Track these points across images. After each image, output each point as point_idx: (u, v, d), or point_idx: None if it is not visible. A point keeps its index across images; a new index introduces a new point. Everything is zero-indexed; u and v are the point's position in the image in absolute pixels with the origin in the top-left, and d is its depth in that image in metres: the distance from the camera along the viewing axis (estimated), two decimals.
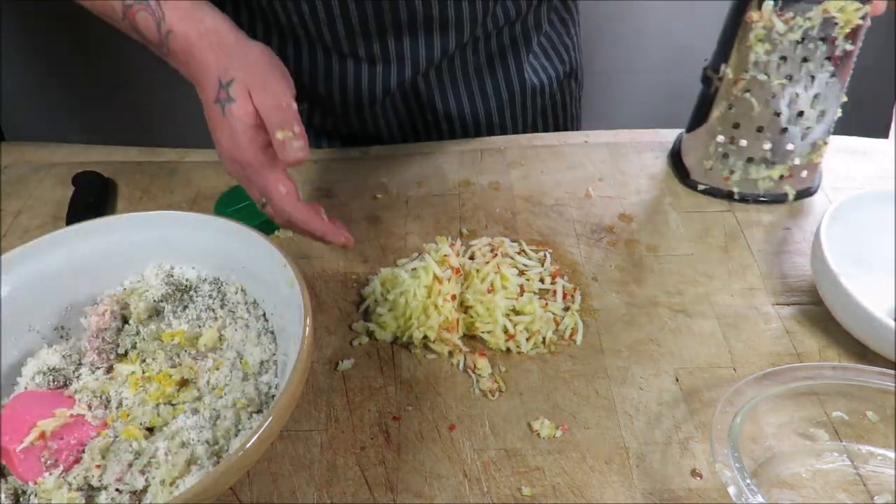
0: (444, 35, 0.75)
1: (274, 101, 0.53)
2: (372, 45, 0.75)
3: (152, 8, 0.56)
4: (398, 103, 0.83)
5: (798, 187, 0.70)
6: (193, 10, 0.57)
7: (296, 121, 0.53)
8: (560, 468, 0.49)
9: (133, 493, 0.43)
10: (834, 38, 0.60)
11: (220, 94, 0.55)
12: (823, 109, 0.65)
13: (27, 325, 0.51)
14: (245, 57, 0.56)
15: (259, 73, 0.55)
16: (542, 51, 0.86)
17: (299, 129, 0.53)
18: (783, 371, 0.50)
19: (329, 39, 0.74)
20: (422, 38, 0.75)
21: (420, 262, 0.59)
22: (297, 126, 0.53)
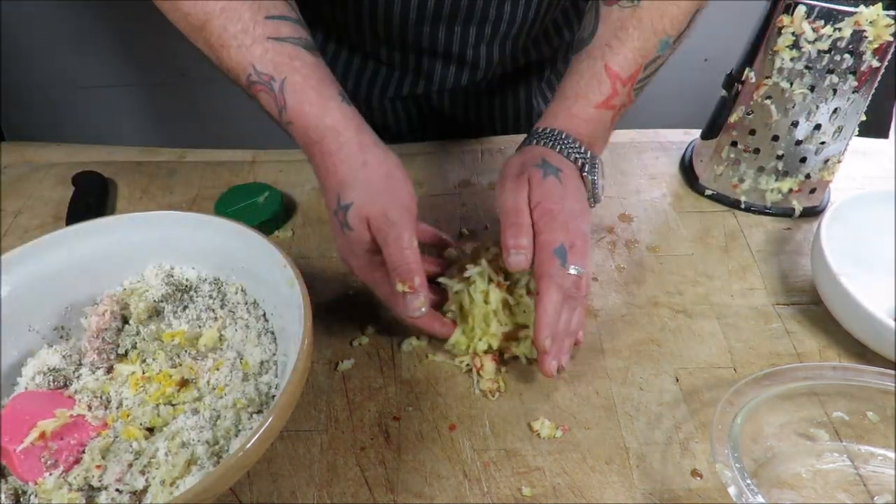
0: (460, 68, 0.78)
1: (394, 240, 0.50)
2: (393, 54, 0.76)
3: (275, 93, 0.53)
4: (410, 105, 0.85)
5: (805, 204, 0.70)
6: (319, 102, 0.54)
7: (416, 269, 0.50)
8: (560, 468, 0.49)
9: (133, 493, 0.43)
10: (862, 53, 0.60)
11: (339, 215, 0.53)
12: (841, 126, 0.64)
13: (27, 325, 0.51)
14: (366, 176, 0.52)
15: (380, 199, 0.52)
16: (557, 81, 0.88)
17: (419, 281, 0.50)
18: (783, 371, 0.50)
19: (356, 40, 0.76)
20: (438, 63, 0.77)
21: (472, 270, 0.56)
22: (416, 277, 0.50)
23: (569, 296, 0.53)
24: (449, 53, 0.76)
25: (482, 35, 0.74)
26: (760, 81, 0.64)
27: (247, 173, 0.78)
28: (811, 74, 0.62)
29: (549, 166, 0.55)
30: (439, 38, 0.74)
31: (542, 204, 0.53)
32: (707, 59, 1.47)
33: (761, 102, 0.65)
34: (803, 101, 0.63)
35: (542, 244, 0.52)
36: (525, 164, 0.56)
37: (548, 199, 0.54)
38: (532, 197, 0.54)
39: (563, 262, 0.52)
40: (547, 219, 0.53)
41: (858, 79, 0.61)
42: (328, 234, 0.70)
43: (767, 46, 0.63)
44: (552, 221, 0.53)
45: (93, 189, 0.74)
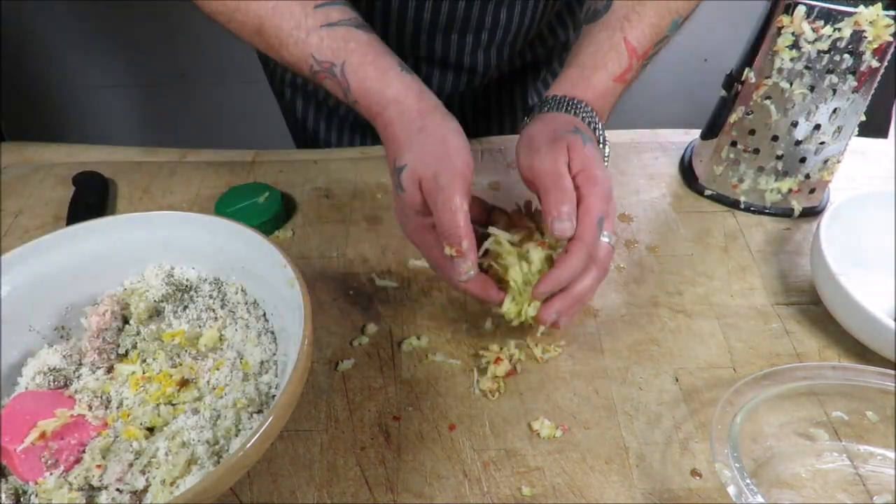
0: (458, 75, 0.78)
1: (443, 203, 0.49)
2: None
3: (337, 78, 0.55)
4: None
5: (805, 204, 0.70)
6: (378, 77, 0.55)
7: (464, 233, 0.49)
8: (560, 468, 0.49)
9: (133, 493, 0.43)
10: (861, 53, 0.60)
11: (394, 177, 0.53)
12: (841, 126, 0.65)
13: (27, 325, 0.51)
14: (421, 139, 0.52)
15: (433, 161, 0.51)
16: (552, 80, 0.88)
17: (468, 245, 0.50)
18: (783, 371, 0.50)
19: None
20: (436, 70, 0.78)
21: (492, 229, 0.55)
22: (465, 241, 0.49)
23: (602, 266, 0.53)
24: (446, 61, 0.76)
25: (479, 42, 0.74)
26: (760, 81, 0.64)
27: (247, 173, 0.78)
28: (811, 74, 0.62)
29: (583, 134, 0.54)
30: (436, 46, 0.74)
31: (586, 170, 0.52)
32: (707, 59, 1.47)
33: (761, 102, 0.65)
34: (803, 101, 0.63)
35: (586, 209, 0.51)
36: (557, 131, 0.54)
37: (591, 165, 0.52)
38: (574, 163, 0.52)
39: (601, 231, 0.52)
40: (590, 185, 0.52)
41: (858, 79, 0.61)
42: (328, 234, 0.70)
43: (767, 46, 0.63)
44: (597, 188, 0.51)
45: (93, 189, 0.74)
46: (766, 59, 0.63)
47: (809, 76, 0.62)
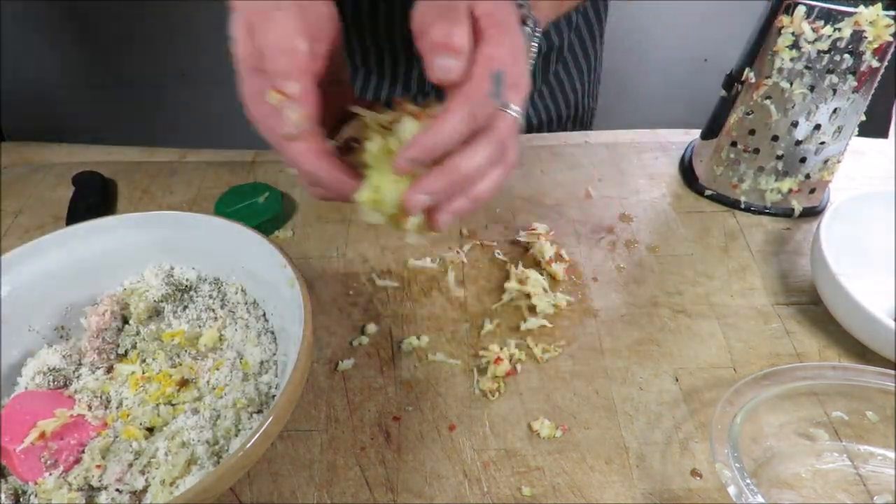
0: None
1: (276, 40, 0.39)
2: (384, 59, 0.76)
3: None
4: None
5: (805, 204, 0.70)
6: None
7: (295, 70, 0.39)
8: (560, 468, 0.49)
9: (133, 493, 0.43)
10: (861, 53, 0.60)
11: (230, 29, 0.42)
12: (841, 126, 0.64)
13: (27, 325, 0.51)
14: None
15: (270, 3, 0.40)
16: (547, 91, 0.87)
17: (298, 88, 0.39)
18: (783, 371, 0.50)
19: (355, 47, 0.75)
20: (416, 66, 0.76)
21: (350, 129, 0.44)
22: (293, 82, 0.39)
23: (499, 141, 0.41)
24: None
25: None
26: (760, 81, 0.64)
27: (247, 173, 0.78)
28: (811, 74, 0.62)
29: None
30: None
31: (493, 15, 0.41)
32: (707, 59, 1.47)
33: (761, 102, 0.65)
34: (803, 101, 0.63)
35: (481, 57, 0.40)
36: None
37: (499, 10, 0.41)
38: (478, 8, 0.41)
39: (498, 91, 0.40)
40: (495, 30, 0.40)
41: (858, 79, 0.61)
42: (328, 234, 0.70)
43: (767, 46, 0.63)
44: (502, 34, 0.40)
45: (93, 189, 0.74)
46: (766, 59, 0.63)
47: (809, 76, 0.62)
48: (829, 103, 0.63)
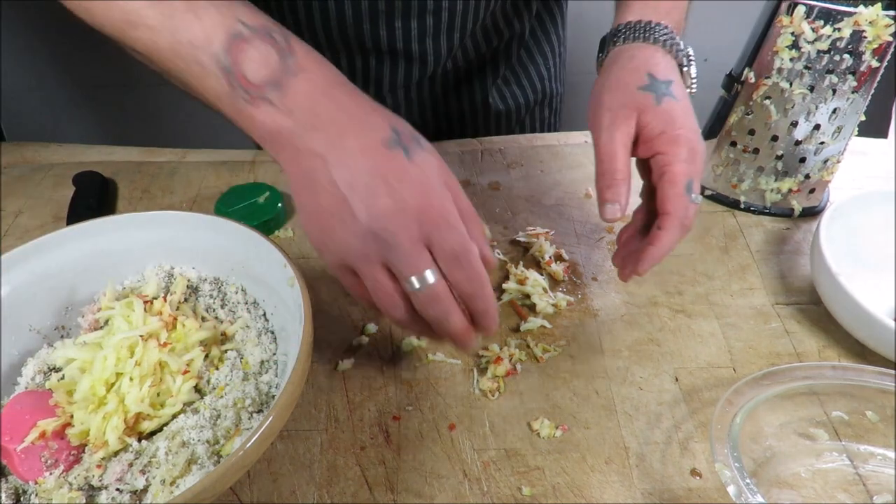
0: (409, 65, 0.76)
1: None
2: (339, 59, 0.75)
3: (278, 42, 0.43)
4: None
5: (805, 204, 0.70)
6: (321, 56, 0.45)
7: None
8: (560, 468, 0.49)
9: (133, 492, 0.43)
10: (861, 53, 0.60)
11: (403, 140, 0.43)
12: (841, 126, 0.64)
13: (27, 325, 0.51)
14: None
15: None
16: (513, 78, 0.87)
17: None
18: (783, 371, 0.50)
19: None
20: (386, 63, 0.76)
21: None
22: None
23: (686, 226, 0.50)
24: (394, 50, 0.74)
25: (424, 28, 0.72)
26: (760, 81, 0.64)
27: (247, 173, 0.78)
28: (811, 74, 0.62)
29: (657, 84, 0.50)
30: (381, 34, 0.72)
31: (667, 133, 0.49)
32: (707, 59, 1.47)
33: (761, 102, 0.65)
34: (803, 102, 0.63)
35: (672, 178, 0.49)
36: (628, 90, 0.51)
37: (670, 125, 0.49)
38: (650, 127, 0.50)
39: (691, 195, 0.49)
40: (675, 149, 0.49)
41: (858, 79, 0.61)
42: None
43: (767, 46, 0.63)
44: (680, 151, 0.49)
45: (93, 189, 0.74)
46: (766, 59, 0.63)
47: (809, 76, 0.62)
48: (829, 103, 0.63)
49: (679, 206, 0.49)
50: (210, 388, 0.48)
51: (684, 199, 0.49)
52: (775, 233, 0.69)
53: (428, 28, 0.72)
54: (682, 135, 0.49)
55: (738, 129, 0.68)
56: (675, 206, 0.49)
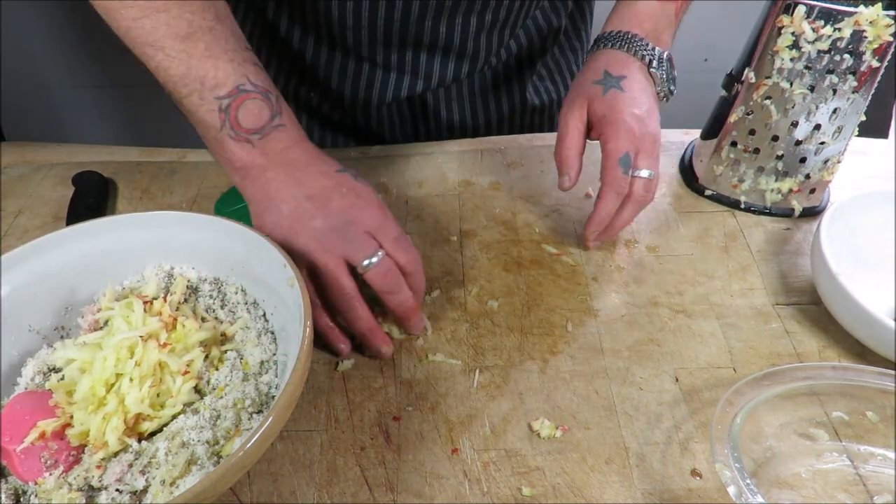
0: (460, 61, 0.78)
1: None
2: (390, 55, 0.77)
3: (272, 102, 0.55)
4: (404, 108, 0.85)
5: (805, 204, 0.70)
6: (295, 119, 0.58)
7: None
8: (560, 468, 0.49)
9: (133, 493, 0.43)
10: (862, 53, 0.60)
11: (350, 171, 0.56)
12: (841, 126, 0.64)
13: (27, 325, 0.51)
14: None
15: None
16: (547, 74, 0.90)
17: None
18: (783, 371, 0.50)
19: (351, 43, 0.76)
20: (438, 58, 0.78)
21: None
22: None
23: (637, 199, 0.60)
24: (449, 46, 0.75)
25: (482, 24, 0.74)
26: (760, 81, 0.64)
27: None
28: (811, 74, 0.62)
29: (609, 79, 0.61)
30: (441, 31, 0.73)
31: (607, 116, 0.60)
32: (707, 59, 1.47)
33: (761, 102, 0.65)
34: (803, 102, 0.63)
35: (607, 153, 0.59)
36: (584, 85, 0.62)
37: (610, 110, 0.59)
38: (594, 112, 0.61)
39: (627, 169, 0.59)
40: (612, 129, 0.59)
41: (858, 79, 0.61)
42: None
43: (767, 46, 0.63)
44: (617, 131, 0.59)
45: (93, 189, 0.74)
46: (766, 59, 0.63)
47: (809, 76, 0.62)
48: (829, 103, 0.63)
49: (610, 176, 0.59)
50: (210, 389, 0.48)
51: (616, 170, 0.59)
52: (776, 233, 0.69)
53: (485, 24, 0.74)
54: (619, 118, 0.59)
55: (739, 129, 0.68)
56: (609, 177, 0.60)
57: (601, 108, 0.60)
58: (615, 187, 0.60)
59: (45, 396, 0.46)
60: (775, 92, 0.64)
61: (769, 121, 0.65)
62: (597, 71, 0.62)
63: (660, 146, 0.61)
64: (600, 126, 0.60)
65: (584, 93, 0.62)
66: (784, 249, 0.67)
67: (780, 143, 0.66)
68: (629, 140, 0.59)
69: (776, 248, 0.67)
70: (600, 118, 0.60)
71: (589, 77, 0.62)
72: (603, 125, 0.60)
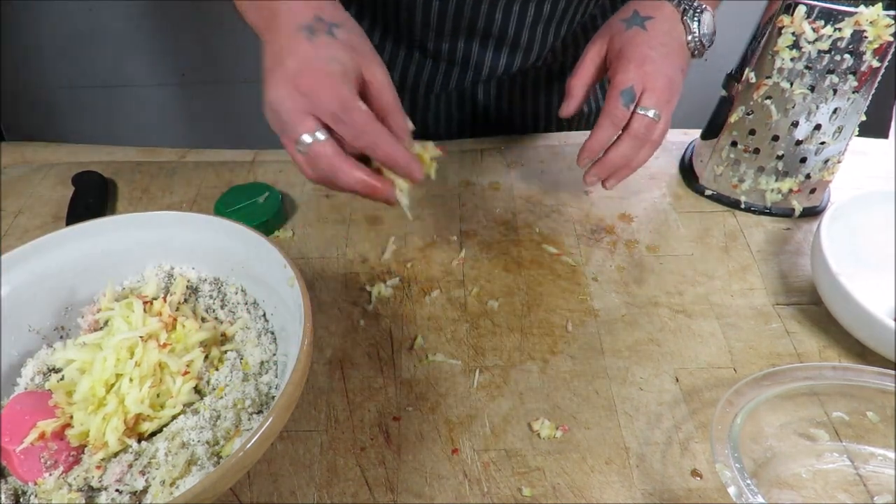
0: (513, 53, 0.77)
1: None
2: (442, 44, 0.76)
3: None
4: (453, 100, 0.84)
5: (805, 204, 0.70)
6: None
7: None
8: (560, 468, 0.49)
9: (133, 493, 0.43)
10: (862, 53, 0.60)
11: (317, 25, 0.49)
12: (841, 126, 0.64)
13: (27, 325, 0.51)
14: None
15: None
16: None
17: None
18: (783, 371, 0.50)
19: (405, 30, 0.76)
20: (490, 49, 0.76)
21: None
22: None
23: (635, 136, 0.58)
24: (504, 35, 0.74)
25: (540, 14, 0.73)
26: (760, 81, 0.64)
27: (247, 173, 0.78)
28: (811, 74, 0.62)
29: (636, 17, 0.61)
30: (496, 18, 0.72)
31: (622, 50, 0.59)
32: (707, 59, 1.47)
33: (761, 102, 0.65)
34: (803, 102, 0.63)
35: (612, 85, 0.58)
36: (612, 22, 0.62)
37: (627, 44, 0.59)
38: (612, 48, 0.61)
39: (629, 102, 0.58)
40: (622, 62, 0.59)
41: (858, 79, 0.61)
42: (328, 234, 0.70)
43: (767, 46, 0.63)
44: (627, 64, 0.58)
45: (93, 189, 0.74)
46: (767, 59, 0.63)
47: (810, 76, 0.62)
48: (830, 103, 0.63)
49: (611, 105, 0.58)
50: (210, 389, 0.48)
51: (616, 101, 0.58)
52: (776, 233, 0.69)
53: (542, 15, 0.73)
54: (632, 53, 0.59)
55: (739, 129, 0.68)
56: (608, 106, 0.58)
57: (619, 43, 0.60)
58: (611, 116, 0.58)
59: (45, 397, 0.46)
60: (775, 92, 0.64)
61: (769, 121, 0.65)
62: (627, 10, 0.62)
63: (675, 92, 0.59)
64: (614, 60, 0.60)
65: (609, 29, 0.62)
66: (784, 249, 0.67)
67: (781, 143, 0.66)
68: (638, 75, 0.58)
69: (776, 248, 0.67)
70: (617, 53, 0.60)
71: (619, 16, 0.62)
72: (617, 58, 0.60)
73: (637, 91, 0.58)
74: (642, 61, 0.58)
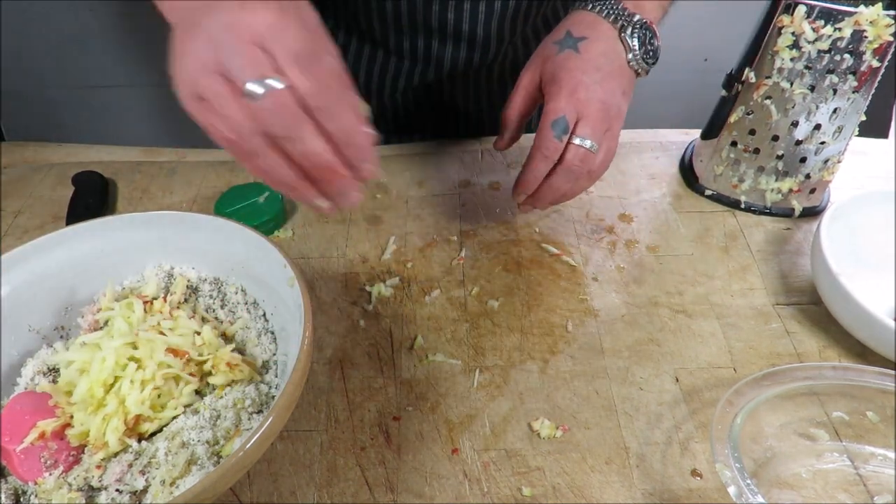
0: (471, 49, 0.77)
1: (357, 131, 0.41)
2: (402, 41, 0.76)
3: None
4: (420, 96, 0.84)
5: (805, 204, 0.70)
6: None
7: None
8: (560, 468, 0.49)
9: (133, 493, 0.43)
10: (862, 53, 0.60)
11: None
12: (841, 126, 0.64)
13: (27, 325, 0.51)
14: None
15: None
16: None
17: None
18: (783, 371, 0.50)
19: (365, 27, 0.76)
20: (449, 45, 0.77)
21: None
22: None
23: (569, 168, 0.56)
24: (459, 32, 0.75)
25: (492, 11, 0.73)
26: (760, 81, 0.64)
27: (247, 173, 0.78)
28: (811, 74, 0.62)
29: (568, 39, 0.58)
30: (449, 17, 0.73)
31: (554, 76, 0.57)
32: (707, 59, 1.47)
33: (761, 102, 0.65)
34: (803, 101, 0.63)
35: (544, 114, 0.56)
36: (545, 44, 0.60)
37: (559, 70, 0.56)
38: (545, 73, 0.58)
39: (561, 133, 0.55)
40: (553, 89, 0.56)
41: (858, 79, 0.61)
42: (328, 234, 0.70)
43: (767, 46, 0.63)
44: (558, 91, 0.55)
45: (93, 189, 0.74)
46: (766, 59, 0.63)
47: (810, 76, 0.62)
48: (830, 103, 0.63)
49: (540, 137, 0.56)
50: (210, 389, 0.48)
51: (547, 132, 0.55)
52: (776, 233, 0.69)
53: (494, 12, 0.73)
54: (563, 79, 0.56)
55: (739, 129, 0.68)
56: (539, 137, 0.56)
57: (551, 68, 0.57)
58: (542, 150, 0.56)
59: (45, 397, 0.46)
60: (775, 92, 0.64)
61: (769, 121, 0.65)
62: (560, 31, 0.59)
63: (615, 118, 0.57)
64: (546, 86, 0.57)
65: (542, 53, 0.59)
66: (784, 249, 0.67)
67: (781, 143, 0.66)
68: (570, 104, 0.55)
69: (776, 248, 0.67)
70: (549, 78, 0.57)
71: (551, 38, 0.60)
72: (548, 85, 0.57)
73: (571, 121, 0.55)
74: (574, 88, 0.55)
